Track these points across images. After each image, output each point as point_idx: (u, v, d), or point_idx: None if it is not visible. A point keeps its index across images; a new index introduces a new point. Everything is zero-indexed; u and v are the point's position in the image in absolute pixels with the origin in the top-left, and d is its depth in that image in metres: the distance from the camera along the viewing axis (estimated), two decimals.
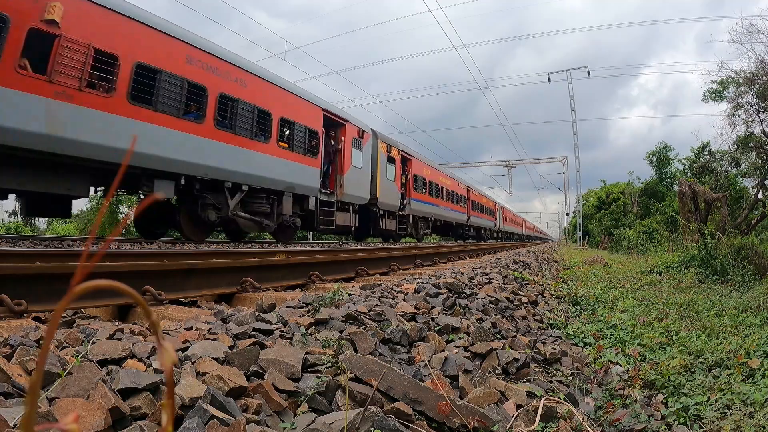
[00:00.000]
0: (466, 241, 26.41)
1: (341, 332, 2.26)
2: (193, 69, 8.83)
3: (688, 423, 2.29)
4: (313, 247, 9.51)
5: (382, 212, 16.41)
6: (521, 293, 4.95)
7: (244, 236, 13.10)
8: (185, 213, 9.55)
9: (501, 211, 41.71)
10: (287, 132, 11.52)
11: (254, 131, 10.18)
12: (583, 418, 1.89)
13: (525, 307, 4.35)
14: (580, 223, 39.61)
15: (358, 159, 14.70)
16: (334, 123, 13.63)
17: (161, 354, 0.34)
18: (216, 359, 1.66)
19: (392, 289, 3.69)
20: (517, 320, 3.77)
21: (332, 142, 13.92)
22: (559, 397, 2.07)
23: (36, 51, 6.59)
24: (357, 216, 14.92)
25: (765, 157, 17.15)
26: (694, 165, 24.49)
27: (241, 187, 9.97)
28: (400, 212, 18.10)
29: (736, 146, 17.86)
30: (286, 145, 11.27)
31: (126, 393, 1.34)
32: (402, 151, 18.40)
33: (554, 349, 3.06)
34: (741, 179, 21.34)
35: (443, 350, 2.43)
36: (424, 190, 20.44)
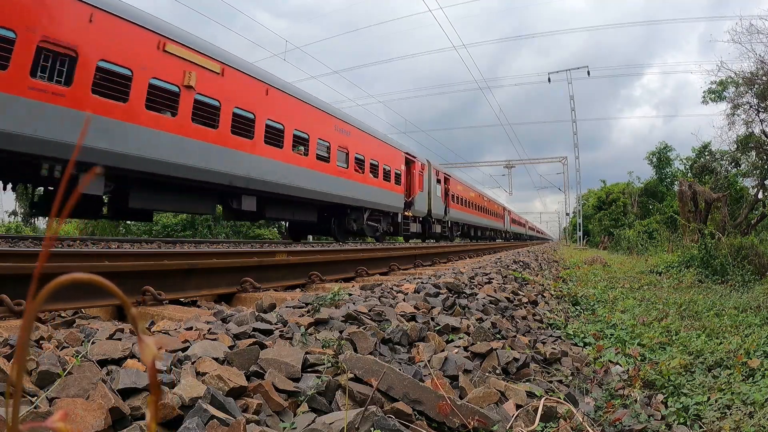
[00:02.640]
0: (478, 241, 32.15)
1: (341, 332, 2.26)
2: (340, 136, 14.41)
3: (688, 423, 2.29)
4: (313, 247, 9.52)
5: (433, 220, 22.61)
6: (521, 293, 4.95)
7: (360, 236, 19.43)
8: (337, 224, 15.65)
9: (508, 214, 48.08)
10: (387, 172, 17.89)
11: (372, 174, 16.58)
12: (583, 418, 1.89)
13: (525, 307, 4.35)
14: (580, 223, 39.61)
15: (421, 185, 21.17)
16: (408, 161, 20.09)
17: (142, 348, 0.34)
18: (216, 359, 1.66)
19: (392, 289, 3.69)
20: (517, 320, 3.77)
21: (407, 175, 20.19)
22: (559, 397, 2.07)
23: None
24: (422, 225, 21.68)
25: (765, 157, 17.15)
26: (695, 165, 24.50)
27: (365, 209, 16.15)
28: (443, 220, 24.35)
29: (736, 146, 17.87)
30: (386, 181, 17.60)
31: (126, 393, 1.34)
32: (444, 173, 25.14)
33: (554, 349, 3.06)
34: (741, 179, 21.34)
35: (443, 350, 2.43)
36: (458, 202, 27.16)
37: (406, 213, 19.45)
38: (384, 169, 17.42)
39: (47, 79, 6.86)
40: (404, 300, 3.26)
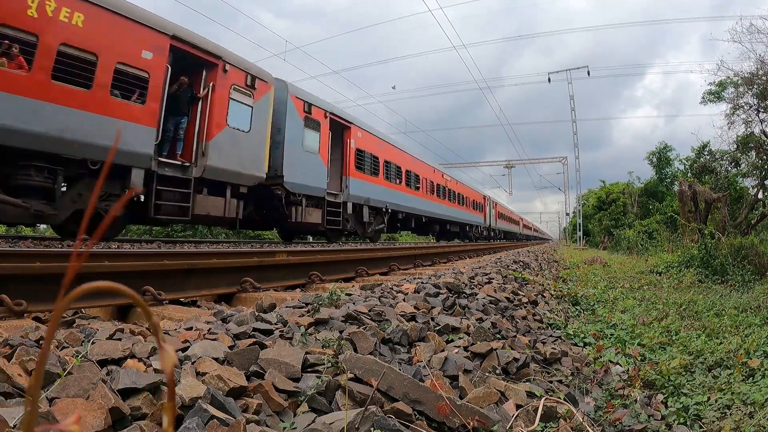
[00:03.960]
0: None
1: (341, 332, 2.26)
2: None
3: (688, 423, 2.29)
4: (313, 247, 9.52)
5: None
6: (521, 293, 4.95)
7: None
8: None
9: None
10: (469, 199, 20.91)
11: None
12: (583, 418, 1.89)
13: (525, 307, 4.35)
14: (580, 223, 39.60)
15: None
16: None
17: (162, 356, 0.34)
18: (216, 359, 1.66)
19: (392, 289, 3.69)
20: (517, 320, 3.77)
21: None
22: (559, 397, 2.07)
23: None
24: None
25: (765, 157, 17.15)
26: (694, 165, 24.48)
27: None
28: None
29: (735, 146, 17.87)
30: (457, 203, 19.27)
31: (126, 393, 1.34)
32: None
33: (554, 349, 3.06)
34: (741, 179, 21.33)
35: (443, 350, 2.43)
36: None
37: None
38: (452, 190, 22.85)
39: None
40: (404, 300, 3.26)
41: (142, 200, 8.16)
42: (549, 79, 38.54)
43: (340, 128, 14.25)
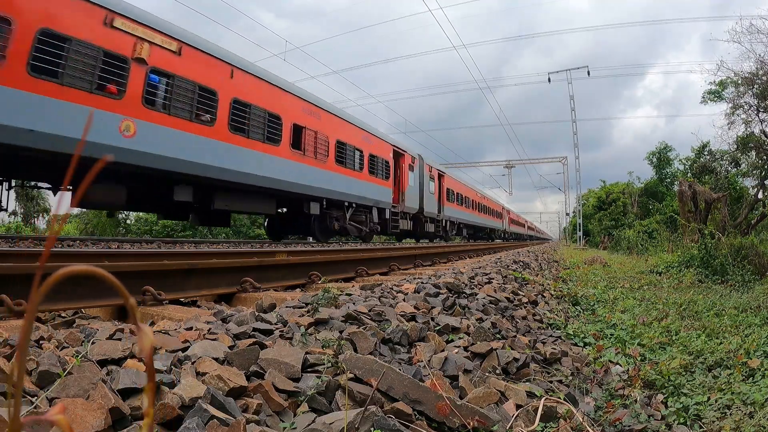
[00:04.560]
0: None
1: (341, 332, 2.26)
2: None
3: (688, 423, 2.29)
4: (312, 247, 9.52)
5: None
6: (521, 293, 4.95)
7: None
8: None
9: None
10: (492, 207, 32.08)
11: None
12: (583, 418, 1.89)
13: (525, 307, 4.35)
14: (580, 223, 39.60)
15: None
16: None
17: (140, 336, 0.34)
18: (216, 359, 1.66)
19: (392, 289, 3.69)
20: (517, 320, 3.77)
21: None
22: (559, 397, 2.07)
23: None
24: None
25: (765, 157, 17.15)
26: (694, 165, 24.49)
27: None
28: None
29: (735, 146, 17.87)
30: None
31: (126, 393, 1.34)
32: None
33: (554, 349, 3.06)
34: (741, 179, 21.34)
35: (443, 350, 2.43)
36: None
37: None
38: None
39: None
40: (404, 300, 3.26)
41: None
42: (549, 79, 38.56)
43: (439, 176, 23.44)
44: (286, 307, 2.77)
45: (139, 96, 8.08)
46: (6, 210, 8.60)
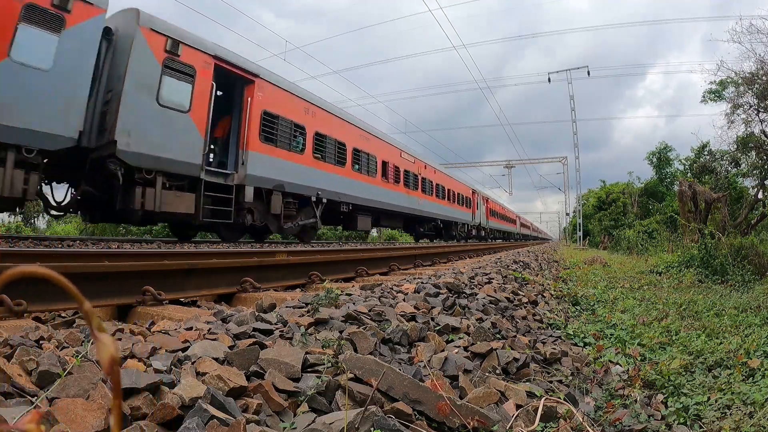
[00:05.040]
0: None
1: (341, 332, 2.26)
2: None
3: (688, 423, 2.29)
4: (312, 247, 9.52)
5: None
6: (521, 293, 4.95)
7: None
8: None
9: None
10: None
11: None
12: (583, 418, 1.89)
13: (525, 307, 4.35)
14: (580, 223, 39.60)
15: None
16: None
17: (98, 349, 0.33)
18: (216, 359, 1.66)
19: (392, 289, 3.69)
20: (517, 320, 3.77)
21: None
22: (559, 397, 2.07)
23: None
24: None
25: (765, 157, 17.14)
26: (694, 165, 24.48)
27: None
28: None
29: (735, 146, 17.86)
30: None
31: (126, 393, 1.34)
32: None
33: (554, 349, 3.06)
34: (741, 179, 21.32)
35: (443, 350, 2.43)
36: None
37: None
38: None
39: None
40: (404, 300, 3.26)
41: None
42: (549, 79, 38.57)
43: (485, 200, 28.36)
44: (286, 307, 2.77)
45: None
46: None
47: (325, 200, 13.30)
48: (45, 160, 7.43)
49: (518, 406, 1.93)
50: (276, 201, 11.35)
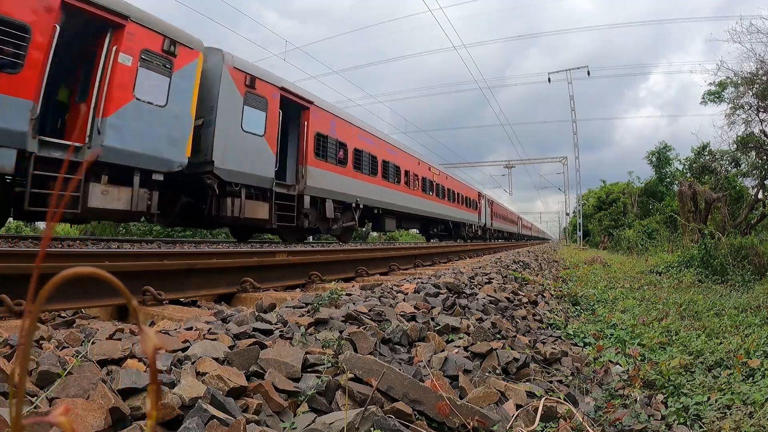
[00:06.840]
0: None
1: (341, 332, 2.26)
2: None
3: (688, 423, 2.29)
4: (313, 247, 9.53)
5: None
6: (521, 293, 4.95)
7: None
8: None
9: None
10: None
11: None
12: (583, 418, 1.89)
13: (525, 307, 4.35)
14: (580, 223, 39.59)
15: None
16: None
17: (143, 340, 0.34)
18: (216, 359, 1.66)
19: (392, 289, 3.69)
20: (517, 320, 3.77)
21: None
22: (559, 397, 2.07)
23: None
24: None
25: (765, 157, 17.14)
26: (694, 165, 24.47)
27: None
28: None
29: (735, 146, 17.86)
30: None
31: (126, 393, 1.34)
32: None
33: (554, 349, 3.06)
34: (741, 179, 21.32)
35: (443, 350, 2.43)
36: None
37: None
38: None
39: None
40: (404, 300, 3.26)
41: None
42: (549, 79, 38.54)
43: (490, 203, 35.81)
44: (286, 307, 2.77)
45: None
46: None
47: (362, 206, 15.79)
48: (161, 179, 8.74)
49: (518, 406, 1.93)
50: (329, 207, 13.64)
